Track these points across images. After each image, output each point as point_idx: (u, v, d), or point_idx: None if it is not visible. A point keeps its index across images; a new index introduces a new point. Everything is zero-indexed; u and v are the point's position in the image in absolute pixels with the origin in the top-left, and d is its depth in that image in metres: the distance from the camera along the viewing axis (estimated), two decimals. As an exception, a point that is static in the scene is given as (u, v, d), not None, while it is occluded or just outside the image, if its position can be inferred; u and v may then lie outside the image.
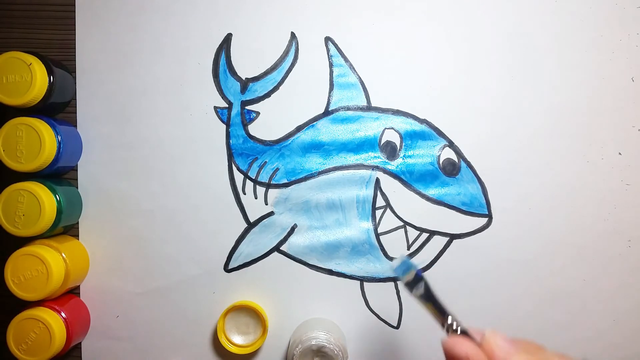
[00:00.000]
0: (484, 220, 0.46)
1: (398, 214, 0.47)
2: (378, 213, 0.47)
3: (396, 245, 0.47)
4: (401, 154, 0.47)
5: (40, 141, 0.41)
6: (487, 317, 0.46)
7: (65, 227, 0.46)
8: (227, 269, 0.47)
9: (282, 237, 0.47)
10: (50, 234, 0.44)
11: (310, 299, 0.47)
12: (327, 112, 0.47)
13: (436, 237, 0.47)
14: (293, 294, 0.47)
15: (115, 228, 0.47)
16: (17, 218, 0.41)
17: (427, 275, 0.47)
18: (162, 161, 0.47)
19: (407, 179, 0.47)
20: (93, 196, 0.47)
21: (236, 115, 0.47)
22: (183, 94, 0.47)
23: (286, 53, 0.47)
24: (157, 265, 0.47)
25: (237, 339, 0.46)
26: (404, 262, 0.37)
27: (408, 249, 0.47)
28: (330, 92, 0.47)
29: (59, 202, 0.43)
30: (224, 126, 0.47)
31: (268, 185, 0.47)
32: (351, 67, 0.47)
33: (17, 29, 0.47)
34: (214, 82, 0.47)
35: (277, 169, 0.47)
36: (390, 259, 0.47)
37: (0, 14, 0.47)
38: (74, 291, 0.48)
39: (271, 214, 0.47)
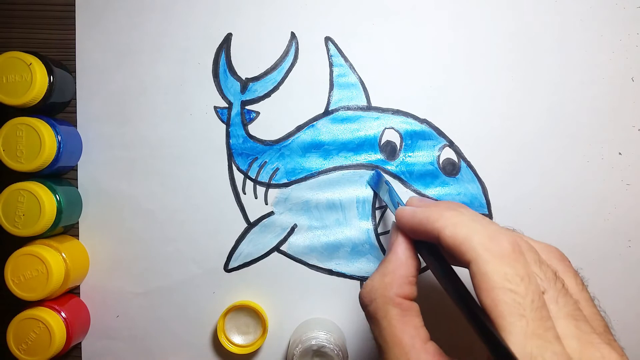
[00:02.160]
0: (484, 220, 0.46)
1: (398, 214, 0.47)
2: (378, 213, 0.47)
3: (396, 245, 0.47)
4: (401, 154, 0.47)
5: (40, 141, 0.41)
6: (487, 317, 0.46)
7: (65, 227, 0.46)
8: (227, 269, 0.47)
9: (282, 237, 0.47)
10: (50, 234, 0.44)
11: (310, 299, 0.47)
12: (327, 112, 0.47)
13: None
14: (293, 294, 0.47)
15: (115, 228, 0.47)
16: (17, 218, 0.41)
17: (427, 275, 0.47)
18: (162, 161, 0.47)
19: (407, 178, 0.47)
20: (93, 196, 0.47)
21: (236, 115, 0.47)
22: (183, 94, 0.47)
23: (286, 53, 0.47)
24: (157, 265, 0.47)
25: (237, 339, 0.46)
26: (376, 178, 0.45)
27: (408, 249, 0.47)
28: (330, 92, 0.47)
29: (59, 202, 0.43)
30: (224, 126, 0.47)
31: (268, 185, 0.47)
32: (351, 67, 0.47)
33: (17, 29, 0.47)
34: (214, 82, 0.47)
35: (277, 169, 0.47)
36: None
37: (0, 14, 0.47)
38: (74, 291, 0.48)
39: (271, 213, 0.47)
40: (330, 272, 0.47)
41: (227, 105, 0.47)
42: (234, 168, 0.47)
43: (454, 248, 0.29)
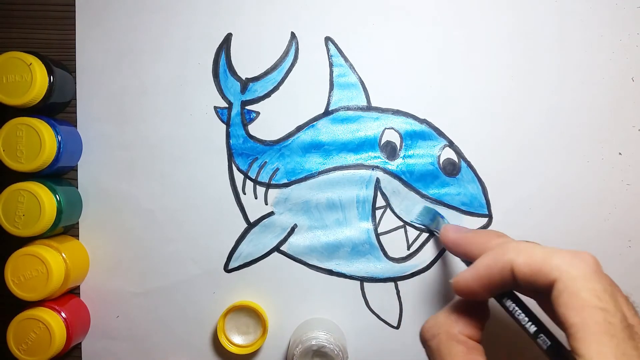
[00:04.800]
0: (484, 220, 0.46)
1: (398, 214, 0.47)
2: (378, 213, 0.47)
3: (396, 245, 0.47)
4: (401, 154, 0.47)
5: (40, 141, 0.41)
6: (487, 317, 0.46)
7: (65, 227, 0.46)
8: (227, 269, 0.47)
9: (282, 237, 0.47)
10: (50, 234, 0.44)
11: (310, 299, 0.47)
12: (327, 112, 0.47)
13: (436, 237, 0.47)
14: (293, 294, 0.47)
15: (115, 228, 0.47)
16: (17, 218, 0.41)
17: (426, 275, 0.47)
18: (162, 161, 0.47)
19: (407, 178, 0.47)
20: (93, 196, 0.47)
21: (236, 115, 0.47)
22: (183, 94, 0.47)
23: (286, 53, 0.47)
24: (157, 265, 0.47)
25: (237, 339, 0.46)
26: (429, 211, 0.45)
27: (408, 249, 0.47)
28: (330, 92, 0.47)
29: (59, 202, 0.43)
30: (224, 126, 0.47)
31: (268, 185, 0.47)
32: (351, 67, 0.47)
33: (17, 29, 0.47)
34: (214, 82, 0.47)
35: (277, 169, 0.47)
36: (391, 259, 0.47)
37: (0, 14, 0.47)
38: (74, 291, 0.48)
39: (271, 214, 0.47)
40: (330, 272, 0.47)
41: (227, 105, 0.47)
42: (234, 168, 0.47)
43: (532, 273, 0.28)
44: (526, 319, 0.31)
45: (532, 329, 0.30)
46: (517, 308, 0.32)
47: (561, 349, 0.28)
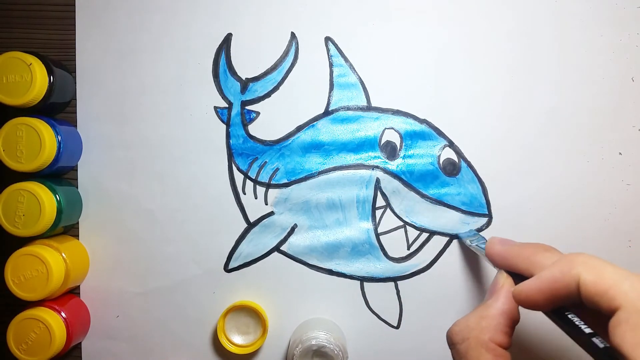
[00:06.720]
0: (484, 220, 0.46)
1: (398, 214, 0.47)
2: (378, 213, 0.47)
3: (396, 245, 0.47)
4: (401, 154, 0.47)
5: (40, 141, 0.41)
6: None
7: (65, 227, 0.46)
8: (227, 269, 0.47)
9: (282, 237, 0.47)
10: (50, 234, 0.44)
11: (310, 299, 0.47)
12: (327, 112, 0.47)
13: (436, 237, 0.47)
14: (293, 294, 0.47)
15: (115, 228, 0.47)
16: (17, 218, 0.41)
17: (426, 275, 0.47)
18: (162, 161, 0.47)
19: (407, 178, 0.47)
20: (93, 196, 0.47)
21: (236, 115, 0.47)
22: (183, 94, 0.47)
23: (286, 53, 0.47)
24: (157, 265, 0.47)
25: (237, 339, 0.46)
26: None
27: (408, 249, 0.47)
28: (330, 92, 0.47)
29: (59, 202, 0.43)
30: (224, 126, 0.47)
31: (268, 185, 0.47)
32: (351, 67, 0.47)
33: (17, 29, 0.47)
34: (214, 82, 0.47)
35: (277, 169, 0.47)
36: (391, 259, 0.47)
37: (0, 14, 0.47)
38: (74, 291, 0.48)
39: (271, 214, 0.47)
40: (330, 272, 0.47)
41: (227, 106, 0.47)
42: (234, 168, 0.47)
43: (597, 294, 0.26)
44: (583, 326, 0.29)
45: (587, 330, 0.28)
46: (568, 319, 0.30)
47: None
